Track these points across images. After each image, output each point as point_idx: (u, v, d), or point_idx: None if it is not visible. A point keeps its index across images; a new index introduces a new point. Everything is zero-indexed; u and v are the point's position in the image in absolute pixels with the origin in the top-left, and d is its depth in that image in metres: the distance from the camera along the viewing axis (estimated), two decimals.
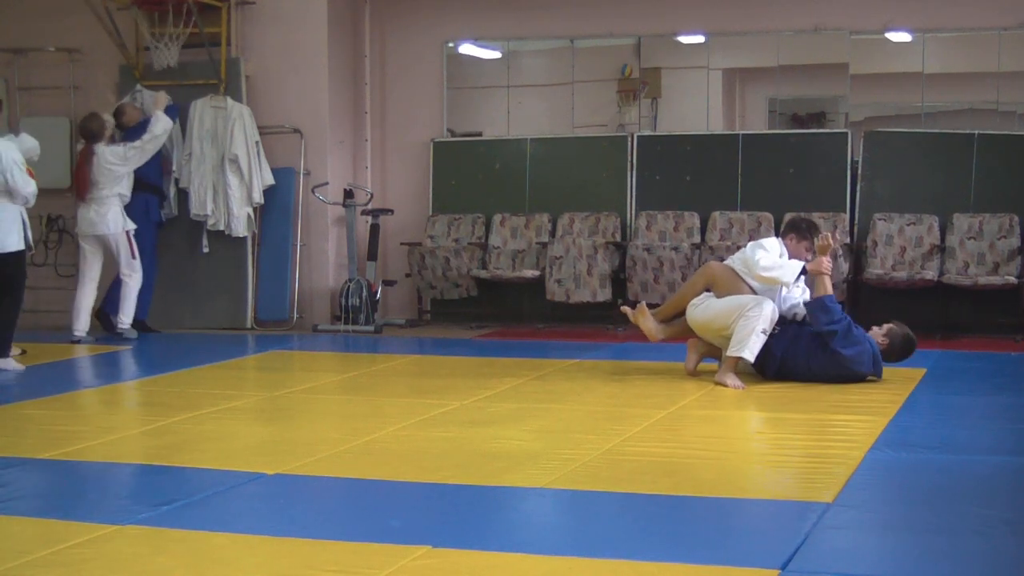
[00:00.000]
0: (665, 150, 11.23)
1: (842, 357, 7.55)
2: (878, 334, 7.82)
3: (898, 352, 7.85)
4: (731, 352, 7.68)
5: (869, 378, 7.68)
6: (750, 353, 7.61)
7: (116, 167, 10.30)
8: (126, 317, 10.38)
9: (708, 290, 7.98)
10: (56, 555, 4.23)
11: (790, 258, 7.87)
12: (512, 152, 11.63)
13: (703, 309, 7.90)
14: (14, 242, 8.66)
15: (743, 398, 7.37)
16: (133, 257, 10.35)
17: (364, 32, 11.78)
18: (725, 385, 7.59)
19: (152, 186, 10.85)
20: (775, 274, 7.73)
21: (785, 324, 7.75)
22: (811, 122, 11.34)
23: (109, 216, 10.30)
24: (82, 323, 10.31)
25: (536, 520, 4.89)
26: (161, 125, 10.48)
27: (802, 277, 7.80)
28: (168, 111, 10.72)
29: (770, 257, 7.77)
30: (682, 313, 8.06)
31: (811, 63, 11.30)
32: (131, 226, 10.38)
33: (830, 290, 7.68)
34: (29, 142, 9.10)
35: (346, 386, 8.19)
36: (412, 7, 11.86)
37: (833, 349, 7.54)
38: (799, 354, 7.67)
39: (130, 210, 10.52)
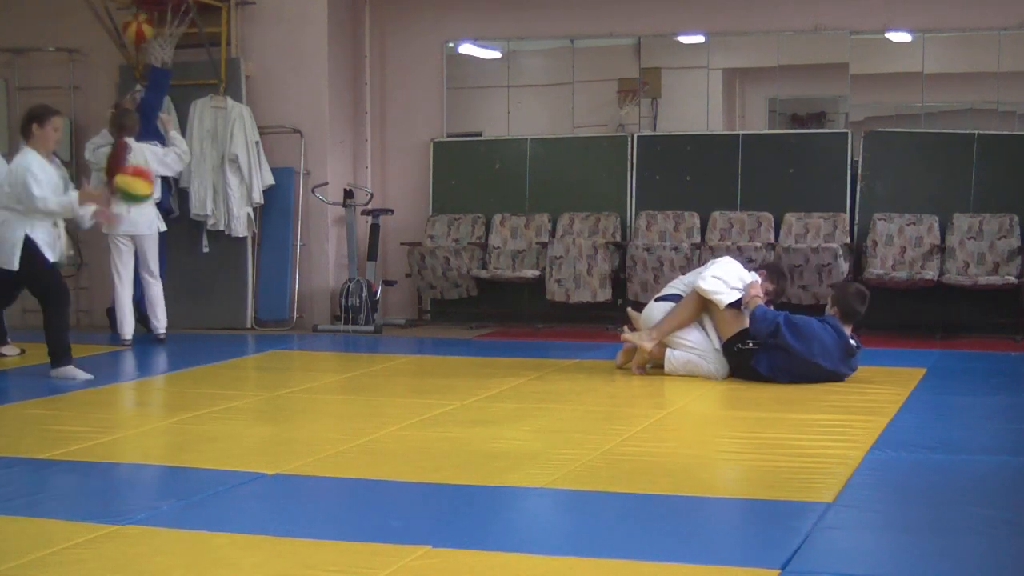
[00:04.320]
0: (665, 150, 11.23)
1: (794, 351, 7.60)
2: (828, 310, 7.94)
3: (855, 302, 7.82)
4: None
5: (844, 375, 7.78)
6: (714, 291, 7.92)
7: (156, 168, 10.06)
8: (159, 322, 10.15)
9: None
10: (56, 555, 4.23)
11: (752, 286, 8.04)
12: (512, 152, 11.63)
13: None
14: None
15: (742, 398, 7.37)
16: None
17: (364, 32, 11.79)
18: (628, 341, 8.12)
19: None
20: (717, 297, 7.92)
21: (765, 346, 7.78)
22: (811, 122, 11.34)
23: (146, 216, 10.04)
24: (128, 325, 10.03)
25: (536, 520, 4.89)
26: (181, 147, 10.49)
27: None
28: (159, 77, 10.86)
29: (719, 282, 7.93)
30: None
31: (811, 63, 11.31)
32: (163, 227, 10.22)
33: (756, 302, 7.88)
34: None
35: (346, 386, 8.19)
36: (412, 7, 11.87)
37: (788, 345, 7.61)
38: (778, 369, 7.72)
39: None
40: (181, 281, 11.22)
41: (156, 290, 10.18)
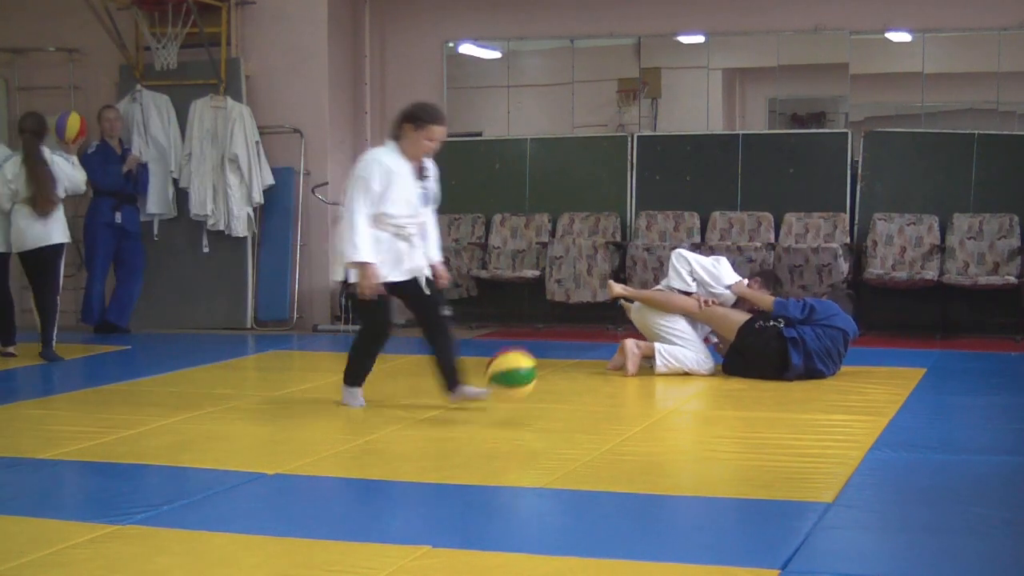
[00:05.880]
0: (665, 150, 11.23)
1: (826, 316, 7.90)
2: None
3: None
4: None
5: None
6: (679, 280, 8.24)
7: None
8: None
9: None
10: (56, 555, 4.23)
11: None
12: (512, 152, 11.62)
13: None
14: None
15: (742, 398, 7.37)
16: None
17: (364, 32, 11.79)
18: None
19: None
20: (674, 280, 8.33)
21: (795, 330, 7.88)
22: (811, 122, 11.34)
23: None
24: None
25: (536, 520, 4.89)
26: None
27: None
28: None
29: (686, 266, 8.31)
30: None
31: (811, 63, 11.31)
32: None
33: (767, 298, 8.11)
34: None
35: None
36: (412, 7, 11.87)
37: (821, 317, 7.89)
38: (806, 336, 7.79)
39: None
40: (181, 281, 11.23)
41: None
